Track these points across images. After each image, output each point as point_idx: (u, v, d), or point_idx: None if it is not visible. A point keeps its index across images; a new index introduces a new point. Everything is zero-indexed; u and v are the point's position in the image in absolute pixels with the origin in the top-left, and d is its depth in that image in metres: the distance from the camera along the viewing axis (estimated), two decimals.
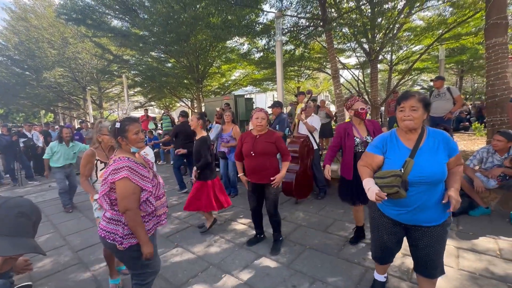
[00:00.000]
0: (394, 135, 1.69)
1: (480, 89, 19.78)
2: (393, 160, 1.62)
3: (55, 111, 20.63)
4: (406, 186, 1.52)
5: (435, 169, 1.51)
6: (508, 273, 2.16)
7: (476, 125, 8.80)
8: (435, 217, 1.58)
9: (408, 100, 1.56)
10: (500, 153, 3.22)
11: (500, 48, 4.38)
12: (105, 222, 1.62)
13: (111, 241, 1.58)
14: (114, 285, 2.31)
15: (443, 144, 1.56)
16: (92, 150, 2.40)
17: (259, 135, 2.65)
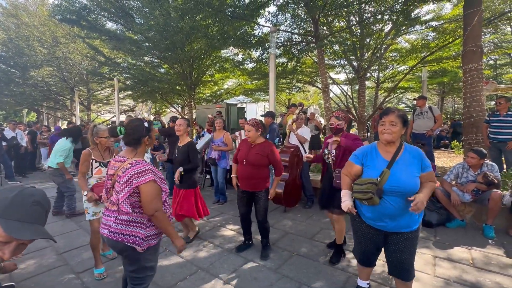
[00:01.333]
0: (374, 148, 1.87)
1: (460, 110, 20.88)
2: (371, 169, 1.79)
3: (39, 110, 19.98)
4: (380, 194, 1.69)
5: (409, 180, 1.68)
6: (479, 280, 2.33)
7: (455, 144, 9.29)
8: (410, 224, 1.75)
9: (389, 115, 1.74)
10: (474, 169, 3.47)
11: (475, 73, 4.76)
12: (121, 225, 1.57)
13: (130, 244, 1.55)
14: (99, 274, 2.46)
15: (417, 159, 1.74)
16: (89, 150, 2.64)
17: (254, 145, 2.73)
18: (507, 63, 13.79)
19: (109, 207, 1.68)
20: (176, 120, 5.55)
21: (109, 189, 1.72)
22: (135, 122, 1.72)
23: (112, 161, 1.72)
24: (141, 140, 1.68)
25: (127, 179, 1.53)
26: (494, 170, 3.34)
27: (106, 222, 1.65)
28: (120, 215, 1.59)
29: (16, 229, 0.83)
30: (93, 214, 2.58)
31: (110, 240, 1.59)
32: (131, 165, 1.56)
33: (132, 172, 1.53)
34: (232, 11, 6.21)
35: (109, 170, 1.72)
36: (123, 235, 1.56)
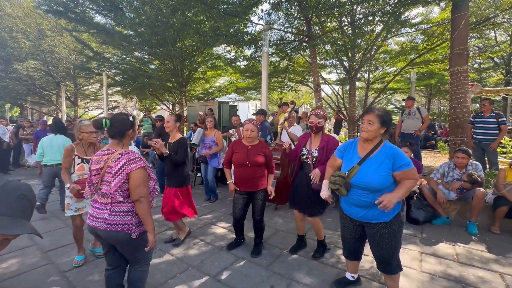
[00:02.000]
0: (354, 144, 1.98)
1: (446, 112, 21.54)
2: (346, 164, 1.95)
3: (23, 105, 19.26)
4: (347, 187, 1.85)
5: (373, 179, 1.77)
6: (462, 275, 2.41)
7: (440, 144, 9.58)
8: (379, 216, 1.82)
9: (368, 114, 1.83)
10: (460, 168, 3.59)
11: (462, 76, 4.91)
12: (117, 216, 1.62)
13: (128, 232, 1.62)
14: (77, 261, 2.58)
15: (390, 158, 1.78)
16: (72, 145, 2.61)
17: (251, 146, 2.72)
18: (491, 67, 14.31)
19: (99, 200, 1.68)
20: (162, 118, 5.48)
21: (95, 183, 1.70)
22: (120, 115, 1.76)
23: (97, 155, 1.70)
24: (125, 133, 1.73)
25: (120, 167, 1.60)
26: (478, 169, 3.46)
27: (98, 215, 1.64)
28: (114, 206, 1.63)
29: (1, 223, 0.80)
30: (76, 209, 2.59)
31: (108, 232, 1.61)
32: (122, 154, 1.63)
33: (124, 160, 1.61)
34: (225, 8, 6.17)
35: (94, 164, 1.70)
36: (121, 224, 1.62)
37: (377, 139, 1.85)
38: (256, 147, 2.72)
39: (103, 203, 1.66)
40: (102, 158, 1.68)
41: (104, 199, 1.66)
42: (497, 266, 2.55)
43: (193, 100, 13.96)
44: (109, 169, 1.63)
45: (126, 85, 12.20)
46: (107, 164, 1.64)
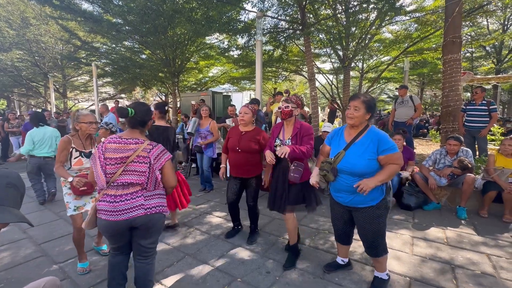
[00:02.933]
0: (341, 130, 2.01)
1: (438, 101, 21.81)
2: (333, 150, 1.99)
3: (9, 97, 18.67)
4: (335, 172, 1.89)
5: (358, 163, 1.80)
6: (452, 257, 2.49)
7: (432, 132, 9.73)
8: (367, 200, 1.86)
9: (354, 100, 1.84)
10: (451, 155, 3.65)
11: (454, 64, 4.93)
12: (153, 200, 1.69)
13: (164, 213, 1.75)
14: (82, 268, 2.33)
15: (375, 143, 1.80)
16: (68, 137, 2.33)
17: (245, 132, 2.69)
18: (482, 56, 14.44)
19: (120, 193, 1.62)
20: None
21: (111, 174, 1.62)
22: (143, 105, 1.79)
23: (117, 143, 1.63)
24: (147, 123, 1.79)
25: (156, 156, 1.68)
26: (469, 155, 3.53)
27: (130, 205, 1.61)
28: (146, 192, 1.68)
29: None
30: (75, 208, 2.32)
31: (148, 216, 1.66)
32: (152, 145, 1.70)
33: (158, 150, 1.70)
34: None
35: (113, 152, 1.62)
36: (158, 206, 1.71)
37: (362, 125, 1.87)
38: (249, 133, 2.69)
39: (129, 193, 1.63)
40: (127, 147, 1.63)
41: (127, 189, 1.63)
42: (484, 248, 2.65)
43: (186, 91, 13.75)
44: (140, 158, 1.63)
45: (117, 76, 11.89)
46: (136, 154, 1.62)
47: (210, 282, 2.16)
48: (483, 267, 2.32)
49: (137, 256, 1.79)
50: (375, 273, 2.09)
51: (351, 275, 2.24)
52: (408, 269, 2.31)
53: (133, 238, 1.75)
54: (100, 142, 1.73)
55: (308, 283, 2.14)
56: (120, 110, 1.67)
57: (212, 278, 2.21)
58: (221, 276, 2.25)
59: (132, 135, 1.70)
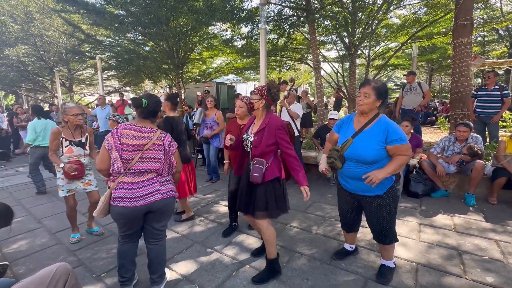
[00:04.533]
0: (351, 118, 1.97)
1: (447, 88, 21.27)
2: (341, 138, 1.96)
3: (17, 93, 18.94)
4: (342, 160, 1.88)
5: (365, 151, 1.78)
6: (459, 243, 2.49)
7: (441, 120, 9.54)
8: (374, 188, 1.84)
9: (364, 87, 1.79)
10: (460, 142, 3.59)
11: (465, 48, 4.77)
12: (167, 185, 1.84)
13: (173, 197, 1.89)
14: (74, 238, 2.72)
15: (384, 132, 1.75)
16: (58, 128, 2.60)
17: (244, 125, 2.59)
18: (495, 40, 13.92)
19: (136, 180, 1.71)
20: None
21: (129, 160, 1.70)
22: (155, 97, 1.87)
23: (133, 130, 1.72)
24: (158, 114, 1.88)
25: (169, 144, 1.84)
26: (479, 142, 3.47)
27: (148, 191, 1.73)
28: (161, 178, 1.82)
29: None
30: (68, 191, 2.62)
31: (165, 200, 1.80)
32: (164, 134, 1.84)
33: (169, 139, 1.86)
34: None
35: (130, 139, 1.70)
36: (171, 191, 1.86)
37: (373, 113, 1.83)
38: (246, 126, 2.60)
39: (145, 180, 1.74)
40: (143, 135, 1.74)
41: (143, 176, 1.74)
42: (493, 234, 2.63)
43: (190, 82, 13.71)
44: (157, 146, 1.76)
45: (121, 69, 11.91)
46: (151, 142, 1.74)
47: (219, 268, 2.22)
48: (491, 253, 2.31)
49: (150, 239, 1.90)
50: (382, 261, 2.09)
51: (357, 261, 2.26)
52: (414, 255, 2.32)
53: (146, 222, 1.85)
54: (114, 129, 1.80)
55: (315, 268, 2.18)
56: (135, 101, 1.76)
57: (220, 265, 2.27)
58: (230, 262, 2.30)
59: (145, 124, 1.80)
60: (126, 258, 1.87)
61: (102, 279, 2.13)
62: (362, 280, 2.02)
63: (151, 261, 1.91)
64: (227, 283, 2.03)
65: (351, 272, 2.12)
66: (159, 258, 1.92)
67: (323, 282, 2.01)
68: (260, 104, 1.99)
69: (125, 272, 1.88)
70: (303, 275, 2.10)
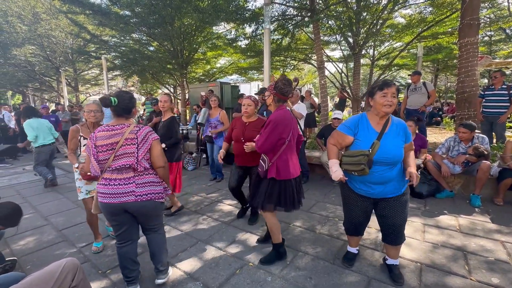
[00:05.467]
0: (365, 119, 1.88)
1: (452, 88, 21.03)
2: (362, 141, 1.82)
3: (24, 92, 19.22)
4: (370, 164, 1.76)
5: (396, 151, 1.76)
6: (464, 244, 2.47)
7: (446, 121, 9.45)
8: (396, 188, 1.85)
9: (391, 87, 1.74)
10: (465, 142, 3.56)
11: (471, 47, 4.72)
12: (146, 187, 1.76)
13: (158, 200, 1.82)
14: (96, 247, 2.54)
15: (403, 131, 1.83)
16: (77, 126, 2.56)
17: (249, 123, 2.74)
18: (502, 39, 13.73)
19: (115, 177, 1.71)
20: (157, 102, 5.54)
21: (104, 160, 1.71)
22: (126, 93, 1.81)
23: (103, 131, 1.71)
24: (132, 110, 1.82)
25: (144, 137, 1.74)
26: (485, 142, 3.43)
27: (122, 190, 1.70)
28: (138, 179, 1.74)
29: None
30: (87, 192, 2.51)
31: (138, 203, 1.73)
32: (139, 127, 1.75)
33: (145, 130, 1.76)
34: None
35: (101, 140, 1.70)
36: (152, 194, 1.77)
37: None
38: (253, 124, 2.73)
39: (122, 178, 1.71)
40: (114, 132, 1.71)
41: (121, 174, 1.71)
42: (499, 235, 2.61)
43: (194, 82, 13.78)
44: (129, 141, 1.70)
45: (126, 69, 12.02)
46: (124, 137, 1.70)
47: (223, 266, 2.23)
48: (497, 254, 2.29)
49: (146, 232, 1.93)
50: (390, 261, 2.05)
51: (361, 260, 2.26)
52: (419, 255, 2.31)
53: (136, 219, 1.87)
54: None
55: (319, 267, 2.18)
56: (103, 100, 1.71)
57: (224, 263, 2.28)
58: (233, 260, 2.32)
59: (118, 122, 1.78)
60: (126, 260, 1.86)
61: (108, 275, 2.16)
62: (365, 280, 2.02)
63: (153, 252, 1.95)
64: (231, 281, 2.04)
65: (354, 272, 2.12)
66: (160, 247, 1.94)
67: (326, 281, 2.01)
68: (270, 99, 2.17)
69: (129, 272, 1.87)
70: (307, 274, 2.11)
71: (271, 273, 2.12)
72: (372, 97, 1.82)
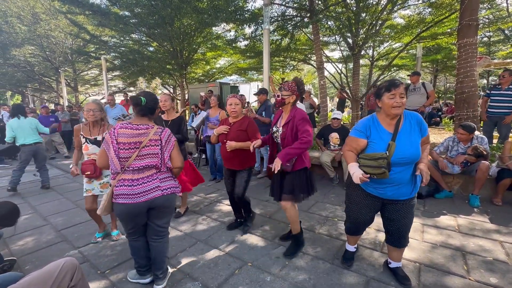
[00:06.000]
0: (376, 120, 1.81)
1: (452, 89, 21.08)
2: (377, 144, 1.75)
3: (23, 92, 19.20)
4: (389, 167, 1.67)
5: (413, 150, 1.68)
6: (463, 244, 2.47)
7: (445, 121, 9.47)
8: (410, 191, 1.80)
9: (399, 87, 1.67)
10: (464, 143, 3.57)
11: (470, 48, 4.73)
12: (167, 182, 1.85)
13: (178, 194, 1.94)
14: (96, 238, 2.70)
15: (417, 125, 1.74)
16: (79, 124, 2.65)
17: (233, 123, 2.64)
18: (501, 40, 13.77)
19: (136, 177, 1.74)
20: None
21: (126, 158, 1.72)
22: (153, 95, 1.88)
23: (129, 129, 1.72)
24: (156, 111, 1.90)
25: (167, 138, 1.83)
26: (484, 142, 3.44)
27: (147, 188, 1.74)
28: (160, 175, 1.82)
29: None
30: (85, 190, 2.57)
31: (165, 197, 1.81)
32: (161, 129, 1.83)
33: (168, 132, 1.85)
34: None
35: (126, 137, 1.70)
36: (172, 188, 1.86)
37: None
38: (237, 124, 2.62)
39: (145, 176, 1.76)
40: (139, 132, 1.74)
41: (143, 173, 1.76)
42: (497, 235, 2.61)
43: (193, 82, 13.79)
44: (153, 142, 1.76)
45: (126, 69, 12.02)
46: (148, 138, 1.74)
47: (222, 266, 2.23)
48: (495, 254, 2.29)
49: (153, 236, 1.92)
50: (394, 264, 2.03)
51: (360, 260, 2.26)
52: (418, 255, 2.32)
53: (149, 219, 1.88)
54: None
55: (317, 267, 2.19)
56: (134, 99, 1.77)
57: (223, 263, 2.29)
58: (232, 260, 2.32)
59: (141, 121, 1.81)
60: (138, 254, 1.95)
61: (107, 275, 2.16)
62: (364, 279, 2.02)
63: (154, 259, 1.94)
64: (230, 281, 2.04)
65: (353, 271, 2.12)
66: (162, 255, 1.95)
67: (325, 281, 2.01)
68: (291, 99, 2.24)
69: (146, 261, 1.99)
70: (306, 274, 2.11)
71: (270, 273, 2.12)
72: (380, 98, 1.73)
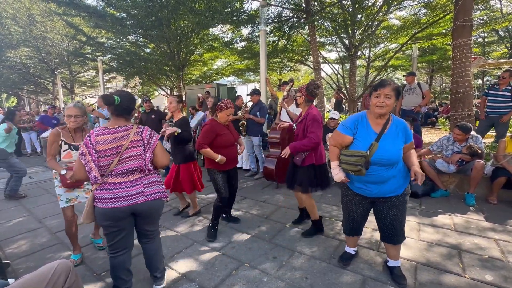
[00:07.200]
0: (365, 118, 1.86)
1: (447, 89, 21.27)
2: (361, 142, 1.81)
3: (19, 95, 19.06)
4: (367, 165, 1.75)
5: (394, 153, 1.75)
6: (459, 242, 2.49)
7: (441, 121, 9.54)
8: (395, 188, 1.83)
9: (385, 88, 1.70)
10: (460, 142, 3.60)
11: (464, 49, 4.78)
12: (153, 187, 1.74)
13: (164, 199, 1.82)
14: (74, 260, 2.33)
15: (402, 131, 1.80)
16: (57, 129, 2.28)
17: (229, 125, 2.80)
18: (495, 41, 13.94)
19: (119, 181, 1.63)
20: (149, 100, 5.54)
21: (106, 165, 1.60)
22: (128, 93, 1.72)
23: (105, 134, 1.59)
24: (132, 111, 1.75)
25: (149, 138, 1.73)
26: (478, 141, 3.47)
27: (131, 192, 1.64)
28: (145, 179, 1.72)
29: None
30: (67, 200, 2.30)
31: (149, 203, 1.71)
32: (141, 128, 1.73)
33: (148, 131, 1.74)
34: None
35: (104, 144, 1.58)
36: (159, 193, 1.77)
37: (388, 113, 1.80)
38: (231, 124, 2.85)
39: (129, 181, 1.65)
40: (119, 135, 1.62)
41: (127, 177, 1.65)
42: (493, 233, 2.63)
43: (191, 84, 13.78)
44: (135, 143, 1.66)
45: (122, 71, 11.99)
46: (129, 140, 1.63)
47: (219, 267, 2.23)
48: (490, 252, 2.31)
49: (144, 239, 1.87)
50: (391, 263, 2.03)
51: (356, 260, 2.26)
52: (414, 254, 2.32)
53: (137, 226, 1.81)
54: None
55: (315, 267, 2.18)
56: (105, 98, 1.61)
57: (220, 263, 2.28)
58: (229, 261, 2.31)
59: (118, 124, 1.67)
60: (121, 271, 1.76)
61: (103, 277, 2.14)
62: (361, 279, 2.02)
63: (149, 260, 1.89)
64: (227, 281, 2.04)
65: (350, 271, 2.12)
66: (157, 255, 1.90)
67: (322, 281, 2.01)
68: (301, 99, 2.52)
69: (123, 283, 1.78)
70: (303, 273, 2.11)
71: (267, 273, 2.12)
72: (370, 97, 1.82)
